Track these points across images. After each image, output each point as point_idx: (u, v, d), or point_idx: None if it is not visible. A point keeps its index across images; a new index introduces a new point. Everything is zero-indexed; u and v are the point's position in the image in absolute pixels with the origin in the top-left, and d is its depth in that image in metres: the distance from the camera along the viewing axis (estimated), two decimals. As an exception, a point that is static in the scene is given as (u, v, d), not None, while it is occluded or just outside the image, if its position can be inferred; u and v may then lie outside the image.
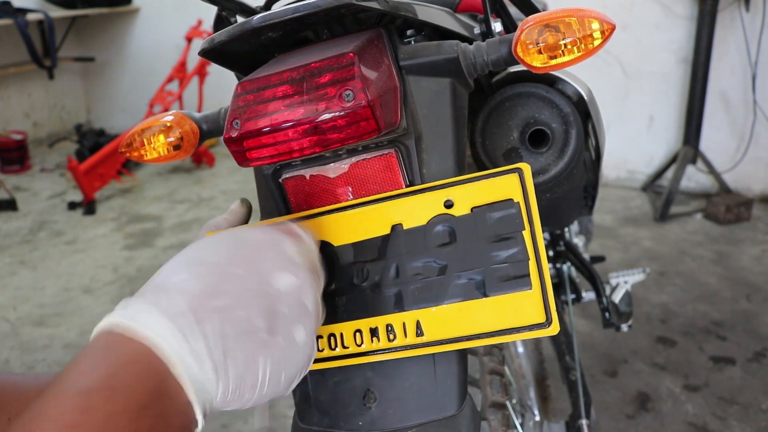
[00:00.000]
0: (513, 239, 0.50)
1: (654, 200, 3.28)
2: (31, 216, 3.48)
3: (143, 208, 3.54)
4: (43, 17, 4.26)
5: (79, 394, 0.34)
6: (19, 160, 4.32)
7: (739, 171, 3.21)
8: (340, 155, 0.56)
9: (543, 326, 0.48)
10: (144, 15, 4.91)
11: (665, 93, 3.36)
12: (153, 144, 0.65)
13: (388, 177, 0.55)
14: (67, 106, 5.25)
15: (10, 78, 4.69)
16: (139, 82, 4.98)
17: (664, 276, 2.46)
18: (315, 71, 0.50)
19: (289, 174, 0.57)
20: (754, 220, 2.97)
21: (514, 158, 0.70)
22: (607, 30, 0.50)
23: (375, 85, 0.50)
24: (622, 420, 1.69)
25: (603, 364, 1.93)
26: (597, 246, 2.71)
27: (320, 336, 0.54)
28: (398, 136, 0.55)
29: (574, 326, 1.23)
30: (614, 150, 3.40)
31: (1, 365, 2.06)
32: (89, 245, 3.05)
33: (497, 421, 0.71)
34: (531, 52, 0.52)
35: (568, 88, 0.73)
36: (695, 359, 1.94)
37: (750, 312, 2.19)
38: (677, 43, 3.26)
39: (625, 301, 1.32)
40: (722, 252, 2.66)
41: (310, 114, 0.49)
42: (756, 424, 1.66)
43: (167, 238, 3.09)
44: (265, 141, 0.50)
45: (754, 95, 3.09)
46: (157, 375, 0.37)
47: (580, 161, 0.73)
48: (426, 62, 0.56)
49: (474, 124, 0.72)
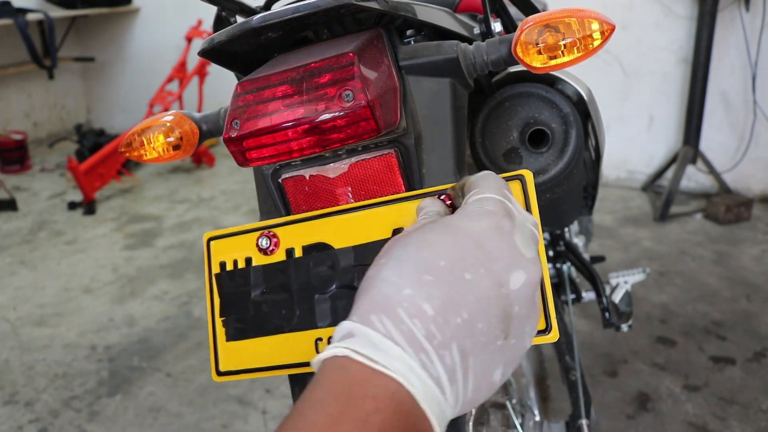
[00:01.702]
0: None
1: (654, 200, 3.28)
2: (31, 216, 3.48)
3: (143, 208, 3.54)
4: (43, 17, 4.26)
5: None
6: (19, 160, 4.32)
7: (739, 171, 3.21)
8: (339, 155, 0.56)
9: (543, 333, 0.48)
10: (144, 15, 4.91)
11: (665, 93, 3.36)
12: (153, 144, 0.65)
13: (387, 177, 0.55)
14: (67, 106, 5.25)
15: (10, 78, 4.69)
16: (139, 82, 4.98)
17: (664, 276, 2.46)
18: (315, 71, 0.50)
19: (289, 174, 0.57)
20: (754, 220, 2.97)
21: (514, 158, 0.70)
22: (607, 30, 0.50)
23: (375, 85, 0.50)
24: (622, 420, 1.69)
25: (603, 364, 1.93)
26: (597, 246, 2.71)
27: (320, 338, 0.54)
28: (398, 136, 0.54)
29: (574, 326, 1.23)
30: (614, 150, 3.40)
31: (1, 365, 2.06)
32: (89, 245, 3.05)
33: (497, 421, 0.71)
34: (531, 53, 0.52)
35: (568, 88, 0.73)
36: (695, 359, 1.94)
37: (750, 312, 2.19)
38: (677, 43, 3.26)
39: (625, 301, 1.32)
40: (722, 252, 2.66)
41: (309, 114, 0.49)
42: (756, 424, 1.65)
43: (167, 238, 3.09)
44: (264, 141, 0.50)
45: (754, 95, 3.09)
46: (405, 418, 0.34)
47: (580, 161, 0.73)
48: (426, 62, 0.56)
49: (474, 124, 0.72)
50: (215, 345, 0.57)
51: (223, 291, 0.57)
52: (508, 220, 0.42)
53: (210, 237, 0.58)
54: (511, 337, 0.39)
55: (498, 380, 0.39)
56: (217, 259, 0.57)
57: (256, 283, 0.55)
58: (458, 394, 0.36)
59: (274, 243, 0.55)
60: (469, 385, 0.37)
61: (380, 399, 0.34)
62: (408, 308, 0.36)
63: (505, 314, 0.38)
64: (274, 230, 0.55)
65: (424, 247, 0.39)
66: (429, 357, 0.35)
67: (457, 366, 0.36)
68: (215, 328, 0.57)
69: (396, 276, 0.38)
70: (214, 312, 0.57)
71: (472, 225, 0.41)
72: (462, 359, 0.36)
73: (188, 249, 2.95)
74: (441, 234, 0.40)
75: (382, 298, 0.37)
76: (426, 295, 0.36)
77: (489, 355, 0.37)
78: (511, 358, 0.39)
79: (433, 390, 0.35)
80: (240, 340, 0.56)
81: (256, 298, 0.55)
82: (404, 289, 0.37)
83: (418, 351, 0.35)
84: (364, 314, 0.37)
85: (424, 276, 0.37)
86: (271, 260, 0.55)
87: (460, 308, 0.37)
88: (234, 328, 0.56)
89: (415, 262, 0.38)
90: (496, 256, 0.39)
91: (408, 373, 0.34)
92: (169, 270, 2.73)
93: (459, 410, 0.38)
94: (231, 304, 0.56)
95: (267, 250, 0.55)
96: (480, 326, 0.37)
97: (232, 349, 0.56)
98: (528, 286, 0.40)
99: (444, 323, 0.36)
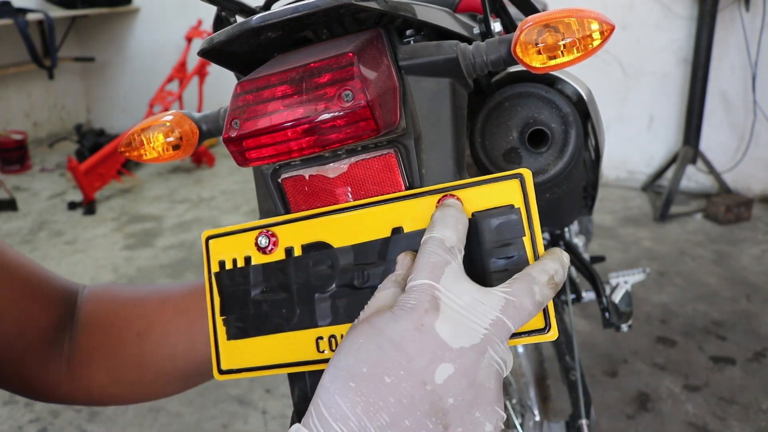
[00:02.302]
0: (513, 245, 0.49)
1: (654, 200, 3.28)
2: (31, 216, 3.48)
3: (143, 208, 3.54)
4: (43, 17, 4.26)
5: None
6: (19, 160, 4.32)
7: (739, 171, 3.21)
8: (339, 155, 0.56)
9: (542, 332, 0.48)
10: (144, 15, 4.91)
11: (665, 93, 3.36)
12: (152, 144, 0.64)
13: (387, 177, 0.55)
14: (67, 106, 5.25)
15: (10, 78, 4.70)
16: (139, 82, 4.98)
17: (664, 276, 2.46)
18: (314, 71, 0.50)
19: (289, 174, 0.57)
20: (754, 220, 2.97)
21: (514, 158, 0.70)
22: (607, 30, 0.50)
23: (374, 85, 0.50)
24: (622, 420, 1.69)
25: (603, 364, 1.93)
26: (597, 246, 2.71)
27: (321, 337, 0.54)
28: (397, 136, 0.54)
29: (574, 326, 1.23)
30: (614, 150, 3.40)
31: (1, 365, 2.06)
32: (89, 245, 3.05)
33: (497, 421, 0.71)
34: (530, 53, 0.52)
35: (568, 88, 0.73)
36: (695, 359, 1.94)
37: (750, 312, 2.19)
38: (677, 43, 3.26)
39: (625, 301, 1.32)
40: (722, 252, 2.66)
41: (309, 114, 0.49)
42: (756, 424, 1.66)
43: (167, 238, 3.09)
44: (264, 141, 0.50)
45: (754, 95, 3.09)
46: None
47: (579, 161, 0.73)
48: (425, 62, 0.56)
49: (473, 124, 0.72)
50: (216, 344, 0.57)
51: (223, 290, 0.57)
52: (430, 314, 0.42)
53: (209, 236, 0.58)
54: (454, 427, 0.40)
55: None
56: (216, 258, 0.57)
57: (255, 282, 0.55)
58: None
59: (273, 242, 0.55)
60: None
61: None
62: (335, 414, 0.40)
63: (435, 409, 0.40)
64: (273, 229, 0.55)
65: (351, 353, 0.42)
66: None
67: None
68: (216, 327, 0.57)
69: (330, 383, 0.42)
70: (215, 311, 0.57)
71: (394, 327, 0.42)
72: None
73: (188, 249, 2.95)
74: (366, 340, 0.42)
75: (319, 403, 0.41)
76: (350, 402, 0.40)
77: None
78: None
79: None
80: (241, 338, 0.56)
81: (256, 297, 0.55)
82: (334, 395, 0.40)
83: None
84: (306, 417, 0.41)
85: (349, 383, 0.41)
86: (270, 259, 0.55)
87: (380, 411, 0.39)
88: (234, 327, 0.56)
89: (344, 370, 0.42)
90: (416, 355, 0.41)
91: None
92: (169, 270, 2.73)
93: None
94: (231, 303, 0.56)
95: (266, 249, 0.55)
96: (407, 423, 0.39)
97: (233, 347, 0.56)
98: (459, 377, 0.41)
99: (367, 426, 0.39)
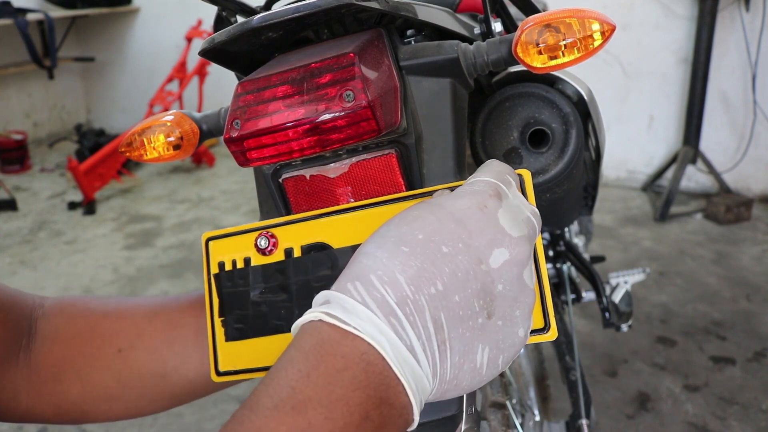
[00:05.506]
0: None
1: (654, 200, 3.28)
2: (31, 216, 3.48)
3: (143, 208, 3.54)
4: (43, 17, 4.26)
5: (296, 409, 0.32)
6: (19, 160, 4.32)
7: (739, 171, 3.21)
8: (340, 155, 0.56)
9: (542, 332, 0.48)
10: (144, 15, 4.91)
11: (665, 93, 3.36)
12: (153, 144, 0.64)
13: (388, 177, 0.55)
14: (67, 106, 5.25)
15: (10, 78, 4.70)
16: (139, 82, 4.98)
17: (664, 276, 2.46)
18: (315, 71, 0.50)
19: (289, 174, 0.57)
20: (754, 220, 2.97)
21: (514, 158, 0.70)
22: (607, 31, 0.50)
23: (375, 86, 0.50)
24: (622, 420, 1.69)
25: (603, 364, 1.93)
26: (597, 246, 2.71)
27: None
28: (398, 136, 0.54)
29: (574, 326, 1.23)
30: (614, 150, 3.40)
31: (1, 365, 2.06)
32: (89, 245, 3.05)
33: (497, 421, 0.71)
34: (531, 53, 0.52)
35: (568, 88, 0.73)
36: (695, 359, 1.94)
37: (750, 312, 2.19)
38: (677, 43, 3.26)
39: (625, 301, 1.32)
40: (722, 252, 2.66)
41: (310, 114, 0.49)
42: (756, 424, 1.66)
43: (167, 238, 3.09)
44: (265, 141, 0.50)
45: (754, 95, 3.09)
46: (376, 379, 0.35)
47: (580, 161, 0.73)
48: (426, 62, 0.56)
49: (474, 124, 0.72)
50: (214, 345, 0.57)
51: (222, 291, 0.57)
52: (493, 200, 0.42)
53: (208, 237, 0.58)
54: (496, 317, 0.39)
55: (483, 364, 0.39)
56: (215, 259, 0.57)
57: (255, 283, 0.55)
58: (436, 367, 0.37)
59: (272, 243, 0.55)
60: (448, 360, 0.37)
61: (349, 358, 0.35)
62: (381, 276, 0.37)
63: (486, 291, 0.39)
64: (272, 230, 0.55)
65: (405, 222, 0.40)
66: (400, 322, 0.36)
67: (432, 335, 0.37)
68: (214, 329, 0.57)
69: (375, 248, 0.39)
70: (213, 312, 0.57)
71: (456, 203, 0.41)
72: (436, 329, 0.37)
73: (188, 249, 2.95)
74: (423, 211, 0.41)
75: (359, 268, 0.38)
76: (401, 265, 0.37)
77: (469, 332, 0.38)
78: (498, 342, 0.39)
79: (405, 355, 0.36)
80: (239, 340, 0.56)
81: (255, 299, 0.55)
82: (381, 259, 0.38)
83: (389, 315, 0.36)
84: (342, 283, 0.38)
85: (401, 247, 0.38)
86: (269, 260, 0.55)
87: (434, 278, 0.37)
88: (233, 329, 0.56)
89: (395, 236, 0.39)
90: (476, 233, 0.40)
91: (377, 335, 0.35)
92: (169, 270, 2.73)
93: (443, 389, 0.38)
94: (230, 305, 0.56)
95: (266, 251, 0.55)
96: (456, 299, 0.38)
97: (231, 349, 0.56)
98: (511, 265, 0.40)
99: (417, 291, 0.37)
